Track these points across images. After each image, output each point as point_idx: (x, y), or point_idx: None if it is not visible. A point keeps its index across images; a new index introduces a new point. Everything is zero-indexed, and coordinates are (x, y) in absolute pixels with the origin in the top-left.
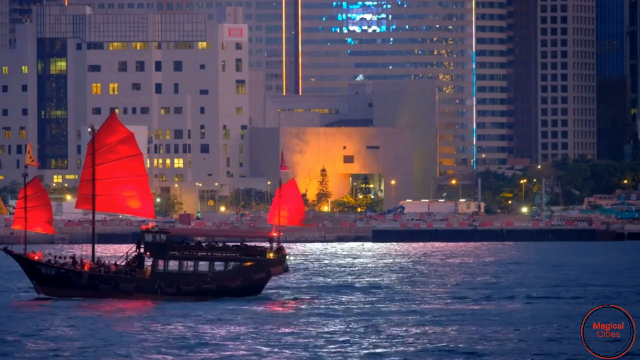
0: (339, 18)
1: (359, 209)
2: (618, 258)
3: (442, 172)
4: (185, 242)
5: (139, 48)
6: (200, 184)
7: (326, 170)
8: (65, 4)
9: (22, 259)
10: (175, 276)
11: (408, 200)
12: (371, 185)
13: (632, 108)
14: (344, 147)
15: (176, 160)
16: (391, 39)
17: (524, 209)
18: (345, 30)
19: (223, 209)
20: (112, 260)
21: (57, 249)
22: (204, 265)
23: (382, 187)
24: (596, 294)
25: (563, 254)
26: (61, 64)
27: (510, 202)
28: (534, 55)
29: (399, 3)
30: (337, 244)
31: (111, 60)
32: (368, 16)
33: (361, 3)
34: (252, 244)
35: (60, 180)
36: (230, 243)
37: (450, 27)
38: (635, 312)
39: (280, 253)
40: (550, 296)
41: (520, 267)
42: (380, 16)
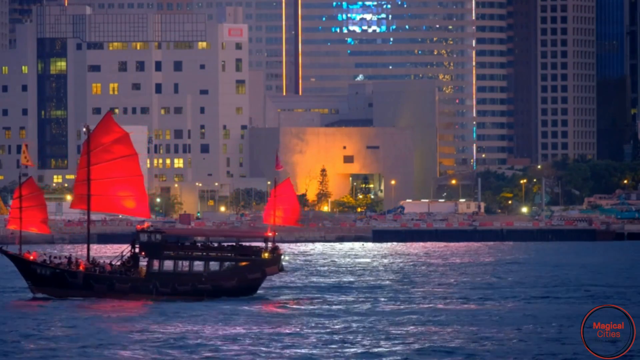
0: (339, 18)
1: (359, 209)
2: (617, 258)
3: (442, 172)
4: (180, 242)
5: (139, 48)
6: (200, 184)
7: (326, 170)
8: (65, 4)
9: (17, 259)
10: (171, 276)
11: (408, 200)
12: (371, 185)
13: (632, 108)
14: (344, 147)
15: (176, 160)
16: (391, 39)
17: (524, 209)
18: (345, 30)
19: (223, 209)
20: (107, 260)
21: (58, 249)
22: (199, 265)
23: (382, 187)
24: (596, 294)
25: (562, 254)
26: (61, 64)
27: (510, 202)
28: (534, 55)
29: (399, 3)
30: (338, 244)
31: (111, 60)
32: (368, 16)
33: (361, 3)
34: (254, 244)
35: (60, 180)
36: (226, 243)
37: (450, 27)
38: (635, 312)
39: (276, 253)
40: (550, 296)
41: (520, 267)
42: (380, 16)
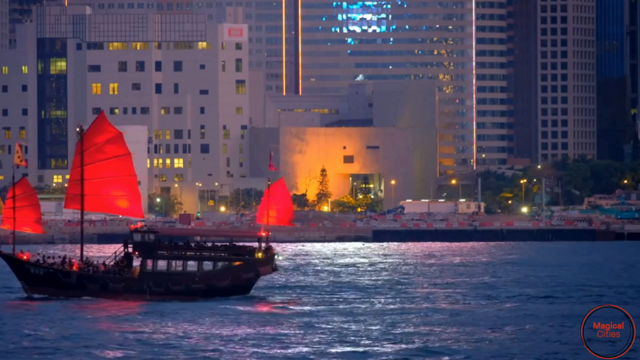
0: (339, 18)
1: (359, 209)
2: (614, 258)
3: (442, 172)
4: (173, 242)
5: (139, 48)
6: (200, 184)
7: (326, 170)
8: (65, 4)
9: (11, 258)
10: (164, 276)
11: (408, 200)
12: (371, 185)
13: (632, 108)
14: (344, 147)
15: (176, 160)
16: (391, 39)
17: (524, 209)
18: (345, 30)
19: (223, 209)
20: (101, 260)
21: (58, 249)
22: (192, 265)
23: (382, 187)
24: (596, 294)
25: (564, 254)
26: (61, 64)
27: (510, 202)
28: (534, 55)
29: (399, 3)
30: (338, 244)
31: (111, 60)
32: (368, 16)
33: (361, 3)
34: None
35: (60, 180)
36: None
37: (450, 27)
38: (635, 312)
39: (269, 253)
40: (550, 296)
41: (519, 267)
42: (380, 16)
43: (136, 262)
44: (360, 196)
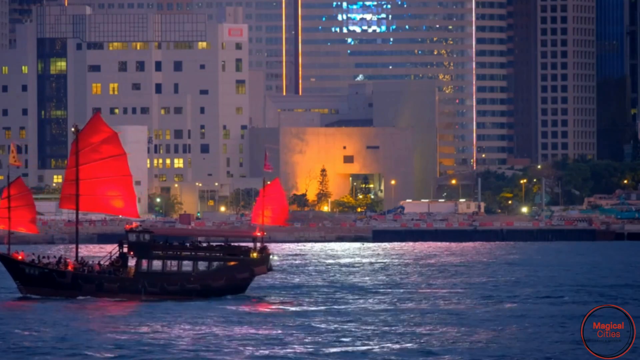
0: (339, 18)
1: (359, 209)
2: (616, 258)
3: (442, 172)
4: (168, 242)
5: (139, 48)
6: (200, 184)
7: (326, 170)
8: (65, 4)
9: (6, 259)
10: (159, 276)
11: (408, 200)
12: (371, 185)
13: (632, 108)
14: (344, 147)
15: (176, 160)
16: (391, 39)
17: (524, 209)
18: (345, 30)
19: (223, 209)
20: (96, 260)
21: (58, 249)
22: (187, 265)
23: (382, 187)
24: (595, 293)
25: (564, 254)
26: (61, 64)
27: (510, 202)
28: (534, 55)
29: (399, 3)
30: (338, 244)
31: (111, 60)
32: (368, 16)
33: (361, 3)
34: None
35: (60, 181)
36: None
37: (450, 27)
38: (635, 312)
39: (264, 253)
40: (550, 296)
41: (519, 267)
42: (380, 16)
43: (131, 262)
44: (360, 196)
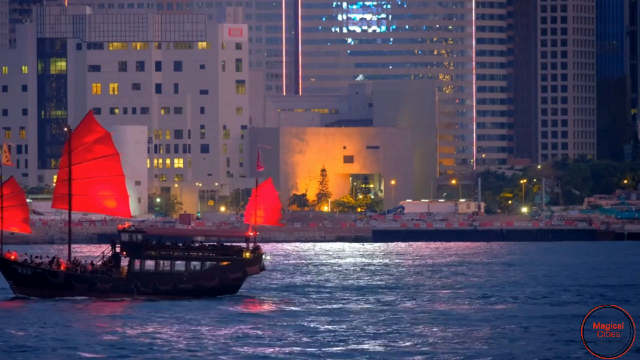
0: (339, 18)
1: (359, 209)
2: (615, 257)
3: (442, 172)
4: (161, 242)
5: (139, 48)
6: (200, 184)
7: (326, 170)
8: (65, 4)
9: None
10: (152, 276)
11: (408, 200)
12: (371, 185)
13: (632, 108)
14: (344, 147)
15: (176, 160)
16: (391, 39)
17: (524, 209)
18: (345, 30)
19: (223, 209)
20: (89, 260)
21: (57, 249)
22: (180, 264)
23: (382, 187)
24: (595, 293)
25: (563, 254)
26: (61, 64)
27: (510, 202)
28: (534, 55)
29: (399, 3)
30: (338, 244)
31: (111, 60)
32: (368, 16)
33: (361, 3)
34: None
35: None
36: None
37: (450, 27)
38: (635, 312)
39: (257, 252)
40: (550, 296)
41: (519, 267)
42: (380, 16)
43: (124, 262)
44: (360, 196)
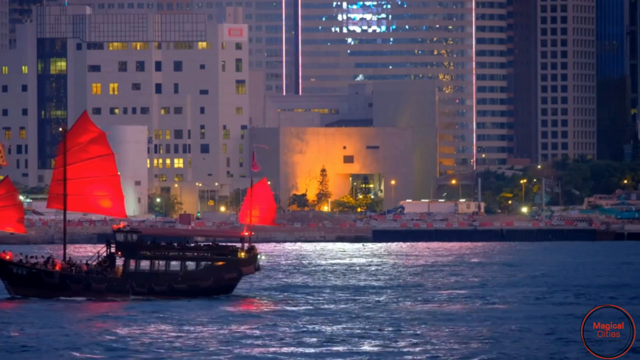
0: (339, 18)
1: (359, 209)
2: (615, 257)
3: (442, 172)
4: (156, 242)
5: (139, 48)
6: (200, 184)
7: (326, 170)
8: (65, 4)
9: None
10: (147, 276)
11: (408, 200)
12: (371, 185)
13: (632, 108)
14: (344, 147)
15: (176, 160)
16: (391, 39)
17: (524, 209)
18: (345, 30)
19: (223, 209)
20: (84, 260)
21: (57, 249)
22: (175, 264)
23: (382, 187)
24: (595, 294)
25: (563, 254)
26: (61, 64)
27: (510, 202)
28: (534, 55)
29: (399, 3)
30: (337, 244)
31: (111, 60)
32: (368, 16)
33: (361, 3)
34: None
35: None
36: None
37: (450, 27)
38: (635, 312)
39: (252, 252)
40: (549, 296)
41: (519, 267)
42: (380, 16)
43: (119, 262)
44: (360, 196)
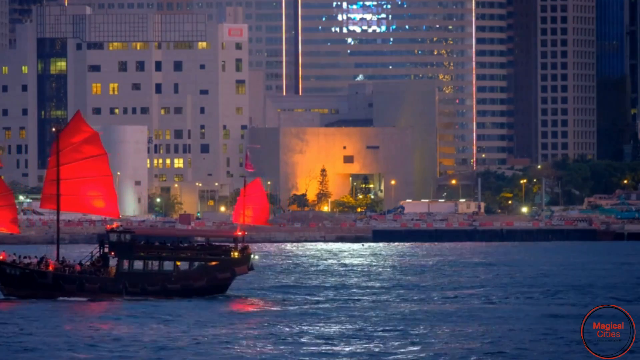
0: (339, 18)
1: (359, 209)
2: (615, 257)
3: (442, 172)
4: (149, 242)
5: (139, 48)
6: (200, 184)
7: (326, 170)
8: (65, 4)
9: None
10: (140, 276)
11: (408, 200)
12: (371, 185)
13: (632, 108)
14: (344, 147)
15: (176, 160)
16: (391, 39)
17: (524, 209)
18: (345, 30)
19: (223, 209)
20: (77, 260)
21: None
22: (168, 265)
23: (382, 187)
24: (595, 294)
25: (563, 254)
26: (61, 64)
27: (510, 202)
28: (534, 55)
29: (399, 3)
30: (337, 244)
31: (111, 60)
32: (368, 16)
33: (361, 3)
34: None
35: None
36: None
37: (450, 27)
38: (635, 312)
39: (245, 252)
40: (550, 296)
41: (519, 267)
42: (380, 16)
43: (112, 262)
44: (360, 196)
